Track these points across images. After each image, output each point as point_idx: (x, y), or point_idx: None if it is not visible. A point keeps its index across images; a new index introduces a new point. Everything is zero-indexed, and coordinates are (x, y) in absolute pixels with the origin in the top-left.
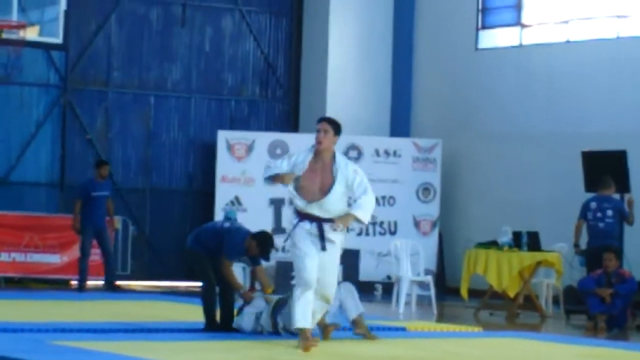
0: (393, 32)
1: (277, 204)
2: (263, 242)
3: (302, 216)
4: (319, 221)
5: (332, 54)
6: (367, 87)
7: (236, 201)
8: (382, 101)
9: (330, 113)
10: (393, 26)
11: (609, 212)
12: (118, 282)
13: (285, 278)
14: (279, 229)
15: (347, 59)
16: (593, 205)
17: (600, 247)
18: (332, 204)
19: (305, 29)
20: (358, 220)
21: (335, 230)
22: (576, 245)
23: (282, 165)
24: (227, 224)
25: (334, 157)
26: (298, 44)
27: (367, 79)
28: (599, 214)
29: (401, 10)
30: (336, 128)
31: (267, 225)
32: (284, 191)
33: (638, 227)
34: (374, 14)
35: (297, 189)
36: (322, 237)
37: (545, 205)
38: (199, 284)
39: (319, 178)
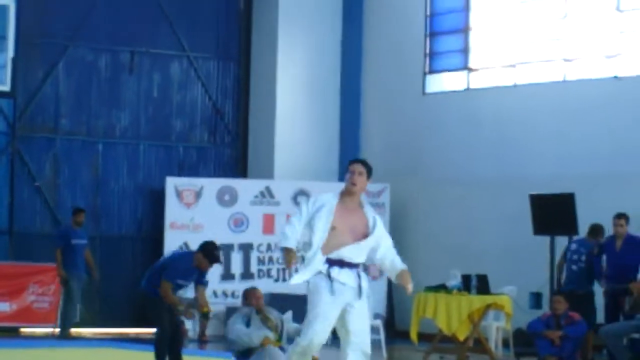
0: (341, 77)
1: (226, 250)
2: (208, 250)
3: (331, 262)
4: (350, 267)
5: (280, 100)
6: (316, 132)
7: (185, 247)
8: (331, 146)
9: (278, 159)
10: (341, 71)
11: (583, 257)
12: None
13: None
14: (228, 275)
15: (295, 104)
16: (573, 246)
17: (571, 290)
18: (366, 249)
19: (253, 75)
20: None
21: (409, 293)
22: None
23: (299, 223)
24: (170, 254)
25: (360, 200)
26: (246, 90)
27: (316, 124)
28: (575, 257)
29: (349, 55)
30: (369, 171)
31: (216, 272)
32: (233, 237)
33: None
34: (322, 59)
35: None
36: (359, 285)
37: (494, 248)
38: (150, 330)
39: (350, 221)
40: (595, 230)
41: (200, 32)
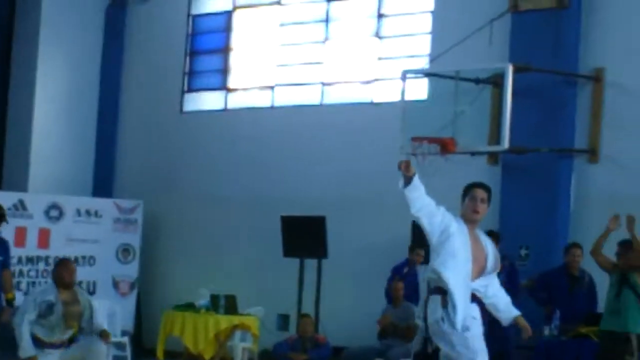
0: (99, 91)
1: None
2: None
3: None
4: (477, 302)
5: (38, 112)
6: (72, 147)
7: None
8: (86, 161)
9: (33, 171)
10: (99, 85)
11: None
12: None
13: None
14: None
15: (53, 117)
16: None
17: None
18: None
19: (12, 85)
20: None
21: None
22: None
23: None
24: None
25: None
26: (4, 100)
27: (72, 138)
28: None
29: (108, 70)
30: (490, 197)
31: None
32: None
33: (333, 292)
34: (81, 73)
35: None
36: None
37: (244, 268)
38: None
39: (475, 251)
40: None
41: None
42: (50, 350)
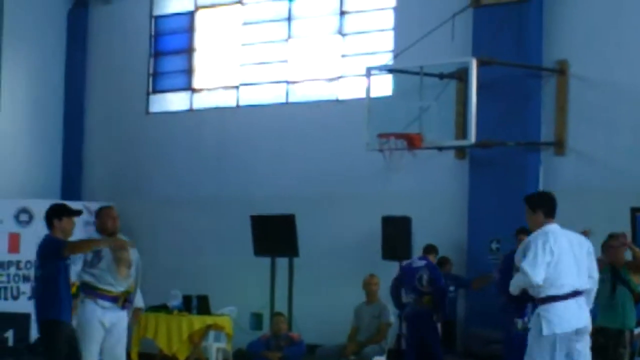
0: (64, 95)
1: None
2: (57, 210)
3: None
4: None
5: (3, 117)
6: (38, 151)
7: None
8: (53, 164)
9: (0, 176)
10: (64, 89)
11: (452, 288)
12: None
13: None
14: None
15: (18, 122)
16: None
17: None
18: None
19: None
20: None
21: None
22: None
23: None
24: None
25: None
26: None
27: (38, 142)
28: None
29: (72, 73)
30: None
31: None
32: None
33: (305, 290)
34: (45, 76)
35: None
36: None
37: (215, 268)
38: None
39: None
40: (442, 262)
41: None
42: (104, 302)
